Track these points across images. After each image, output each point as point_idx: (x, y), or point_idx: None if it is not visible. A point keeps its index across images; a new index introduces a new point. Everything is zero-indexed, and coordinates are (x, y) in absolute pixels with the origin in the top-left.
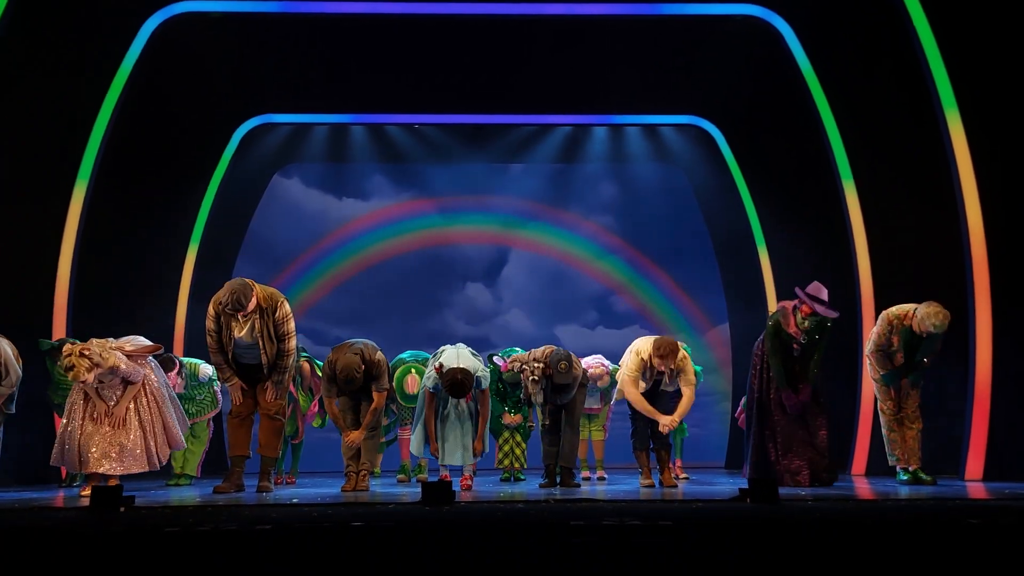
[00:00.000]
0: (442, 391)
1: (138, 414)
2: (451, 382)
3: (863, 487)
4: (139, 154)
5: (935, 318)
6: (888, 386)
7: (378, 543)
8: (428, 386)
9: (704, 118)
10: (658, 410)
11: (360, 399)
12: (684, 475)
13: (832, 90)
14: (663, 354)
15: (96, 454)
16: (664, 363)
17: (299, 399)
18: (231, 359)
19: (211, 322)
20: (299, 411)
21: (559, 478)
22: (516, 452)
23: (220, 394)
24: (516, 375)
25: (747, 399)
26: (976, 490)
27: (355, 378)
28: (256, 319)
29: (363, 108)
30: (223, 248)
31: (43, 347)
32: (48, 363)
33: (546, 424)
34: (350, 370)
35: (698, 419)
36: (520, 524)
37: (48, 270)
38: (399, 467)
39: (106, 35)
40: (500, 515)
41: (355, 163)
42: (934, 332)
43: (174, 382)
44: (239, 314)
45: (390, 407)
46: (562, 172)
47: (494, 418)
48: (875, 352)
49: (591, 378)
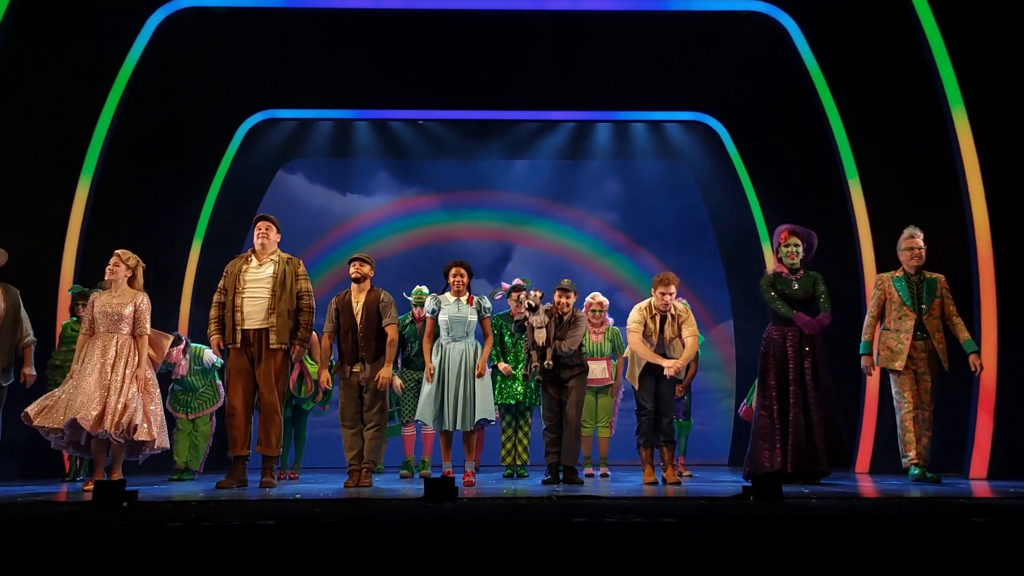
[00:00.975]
0: (446, 359)
1: (135, 382)
2: (454, 262)
3: (867, 485)
4: (143, 149)
5: (901, 238)
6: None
7: (380, 539)
8: (427, 311)
9: (709, 115)
10: (662, 408)
11: (362, 390)
12: (687, 472)
13: (837, 87)
14: (662, 280)
15: (93, 413)
16: (664, 292)
17: (307, 367)
18: (233, 311)
19: (228, 267)
20: (308, 375)
21: (562, 475)
22: (519, 449)
23: (222, 388)
24: (522, 318)
25: (756, 388)
26: (981, 488)
27: (365, 275)
28: (276, 264)
29: (367, 104)
30: (227, 243)
31: (73, 291)
32: (72, 306)
33: (536, 367)
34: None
35: (702, 416)
36: (523, 521)
37: (52, 264)
38: (402, 463)
39: (110, 31)
40: (503, 512)
41: (359, 159)
42: (913, 240)
43: (179, 360)
44: (263, 240)
45: (392, 409)
46: (566, 168)
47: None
48: (870, 325)
49: (596, 305)
